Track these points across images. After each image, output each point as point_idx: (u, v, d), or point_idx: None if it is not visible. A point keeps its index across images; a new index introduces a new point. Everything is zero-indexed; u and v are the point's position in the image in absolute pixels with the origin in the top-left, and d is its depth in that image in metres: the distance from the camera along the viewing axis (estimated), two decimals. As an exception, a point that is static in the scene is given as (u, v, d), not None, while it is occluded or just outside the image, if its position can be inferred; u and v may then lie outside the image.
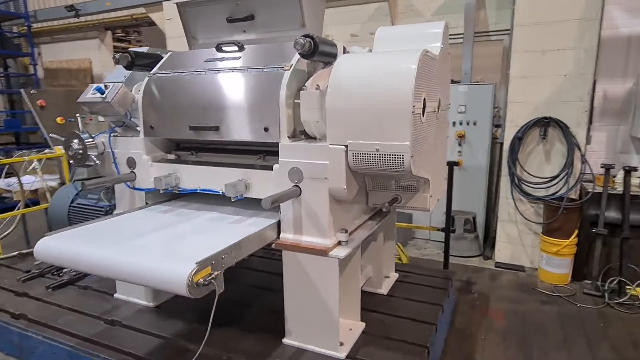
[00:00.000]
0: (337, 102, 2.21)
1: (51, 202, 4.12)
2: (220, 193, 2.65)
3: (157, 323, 2.86)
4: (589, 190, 4.10)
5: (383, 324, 2.81)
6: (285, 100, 2.36)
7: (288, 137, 2.40)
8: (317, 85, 2.36)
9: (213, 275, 1.88)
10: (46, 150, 4.78)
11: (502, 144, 4.82)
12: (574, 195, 4.26)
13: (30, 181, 4.71)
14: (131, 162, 2.93)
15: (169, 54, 3.07)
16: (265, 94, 2.44)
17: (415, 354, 2.48)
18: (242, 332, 2.77)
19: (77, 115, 2.92)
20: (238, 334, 2.73)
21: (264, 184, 2.51)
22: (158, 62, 3.02)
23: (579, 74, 4.11)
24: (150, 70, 2.97)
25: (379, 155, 2.16)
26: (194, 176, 2.77)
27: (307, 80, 2.46)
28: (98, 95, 2.78)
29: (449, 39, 2.90)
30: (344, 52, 2.58)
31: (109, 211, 3.68)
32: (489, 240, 5.21)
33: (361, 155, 2.20)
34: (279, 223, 2.51)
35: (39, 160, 4.63)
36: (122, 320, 2.87)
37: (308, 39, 2.21)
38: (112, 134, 2.99)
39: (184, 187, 2.80)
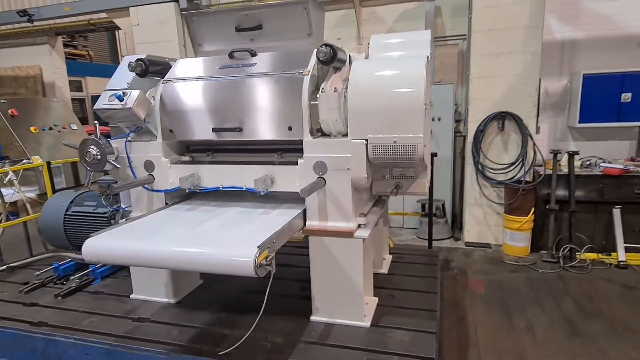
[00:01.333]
0: (357, 102, 2.55)
1: (42, 212, 4.03)
2: (244, 189, 2.89)
3: (185, 316, 3.01)
4: (541, 173, 4.78)
5: (393, 297, 3.18)
6: (307, 101, 2.66)
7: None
8: (335, 87, 2.69)
9: (270, 257, 2.13)
10: (24, 161, 4.62)
11: (464, 137, 5.42)
12: (528, 178, 4.93)
13: (8, 194, 4.52)
14: (149, 165, 3.06)
15: (178, 61, 3.22)
16: (287, 96, 2.71)
17: (428, 317, 2.87)
18: (268, 316, 2.98)
19: (96, 122, 2.99)
20: (267, 318, 2.95)
21: (285, 178, 2.79)
22: (167, 69, 3.18)
23: (527, 74, 4.78)
24: (162, 77, 3.12)
25: (396, 147, 2.53)
26: (215, 175, 2.97)
27: (318, 84, 2.76)
28: (117, 101, 2.89)
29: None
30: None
31: (112, 216, 3.71)
32: (457, 223, 5.81)
33: (380, 147, 2.56)
34: (304, 212, 2.79)
35: (15, 171, 4.48)
36: (150, 317, 2.99)
37: (328, 48, 2.53)
38: (127, 139, 3.08)
39: (206, 186, 2.99)
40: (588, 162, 4.92)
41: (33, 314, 3.13)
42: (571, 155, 4.64)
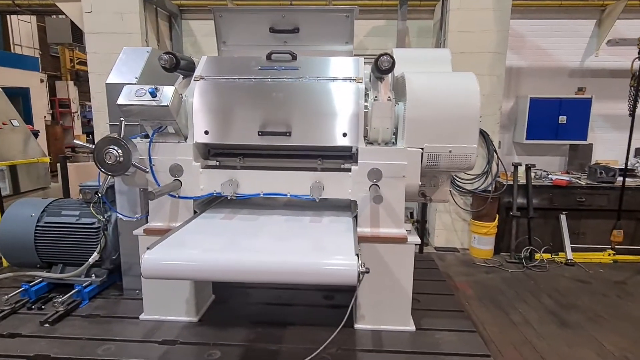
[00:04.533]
0: (415, 113, 2.64)
1: (2, 224, 3.31)
2: (288, 196, 2.78)
3: (217, 334, 2.76)
4: (503, 183, 5.35)
5: (419, 301, 3.29)
6: (362, 109, 2.67)
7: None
8: (389, 96, 2.74)
9: (363, 264, 2.10)
10: None
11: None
12: (490, 188, 5.48)
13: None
14: (176, 170, 2.77)
15: (204, 58, 2.98)
16: (342, 103, 2.69)
17: (461, 317, 3.04)
18: (306, 326, 2.90)
19: (122, 119, 2.62)
20: (308, 330, 2.86)
21: (335, 184, 2.75)
22: (192, 65, 2.93)
23: (493, 94, 5.33)
24: (189, 75, 2.87)
25: (451, 156, 2.67)
26: (254, 181, 2.80)
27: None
28: (148, 97, 2.58)
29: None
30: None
31: (105, 227, 3.22)
32: (425, 229, 6.17)
33: (435, 156, 2.68)
34: (354, 219, 2.77)
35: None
36: (178, 338, 2.69)
37: (389, 57, 2.59)
38: (152, 140, 2.75)
39: (243, 193, 2.80)
40: (534, 175, 5.64)
41: (21, 347, 2.61)
42: (528, 167, 5.28)
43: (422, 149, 2.67)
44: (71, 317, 2.98)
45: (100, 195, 3.08)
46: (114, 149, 2.57)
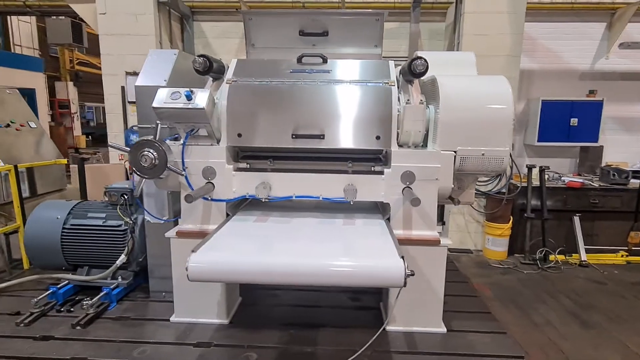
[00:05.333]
0: (449, 116, 2.66)
1: (28, 226, 3.30)
2: (320, 198, 2.79)
3: (251, 336, 2.76)
4: (517, 185, 5.39)
5: (445, 303, 3.31)
6: (396, 112, 2.69)
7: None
8: (421, 100, 2.76)
9: (407, 266, 2.11)
10: None
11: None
12: (504, 190, 5.51)
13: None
14: (209, 172, 2.77)
15: (234, 61, 2.98)
16: (376, 105, 2.71)
17: (489, 319, 3.06)
18: (337, 328, 2.91)
19: (158, 122, 2.62)
20: (340, 332, 2.86)
21: (367, 187, 2.77)
22: (222, 68, 2.93)
23: (507, 97, 5.36)
24: (219, 78, 2.88)
25: (484, 159, 2.69)
26: (286, 183, 2.81)
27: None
28: (183, 100, 2.59)
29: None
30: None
31: (132, 229, 3.22)
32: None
33: (468, 159, 2.70)
34: (386, 221, 2.79)
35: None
36: (212, 341, 2.69)
37: (425, 61, 2.60)
38: (185, 143, 2.75)
39: (275, 195, 2.81)
40: (546, 177, 5.68)
41: (56, 350, 2.60)
42: (542, 170, 5.32)
43: (455, 152, 2.69)
44: (101, 320, 2.97)
45: (135, 197, 3.07)
46: (149, 152, 2.57)
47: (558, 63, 6.23)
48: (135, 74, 5.49)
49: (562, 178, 5.56)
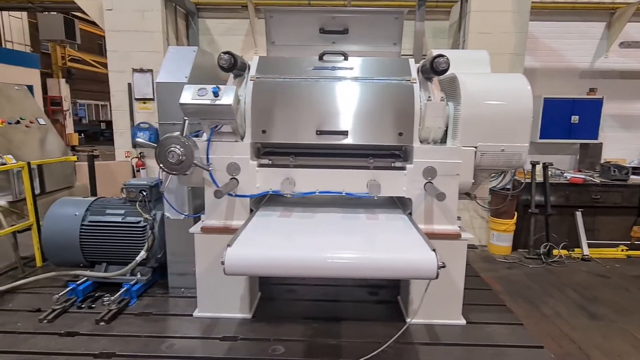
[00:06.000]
0: (470, 112, 2.72)
1: (45, 222, 3.29)
2: (343, 194, 2.84)
3: (274, 330, 2.80)
4: (521, 181, 5.49)
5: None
6: (419, 109, 2.74)
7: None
8: (442, 97, 2.82)
9: (440, 257, 2.16)
10: None
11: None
12: (509, 186, 5.61)
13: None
14: (233, 168, 2.80)
15: (256, 58, 3.01)
16: (398, 103, 2.76)
17: (505, 311, 3.14)
18: (359, 321, 2.96)
19: (185, 119, 2.63)
20: (363, 325, 2.91)
21: (389, 182, 2.82)
22: (244, 65, 2.96)
23: (511, 94, 5.45)
24: (240, 75, 2.90)
25: (503, 154, 2.76)
26: (309, 179, 2.85)
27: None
28: (210, 97, 2.61)
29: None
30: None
31: (152, 225, 3.23)
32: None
33: (488, 154, 2.77)
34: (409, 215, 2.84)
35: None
36: (238, 335, 2.73)
37: (447, 59, 2.66)
38: (210, 140, 2.77)
39: (299, 191, 2.84)
40: (549, 173, 5.80)
41: (83, 345, 2.61)
42: (546, 166, 5.43)
43: (475, 147, 2.75)
44: (124, 316, 2.98)
45: (161, 193, 3.08)
46: (177, 148, 2.59)
47: (559, 61, 6.35)
48: (142, 70, 5.49)
49: (564, 174, 5.68)
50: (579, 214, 5.45)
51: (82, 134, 21.32)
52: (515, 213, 5.46)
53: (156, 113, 5.62)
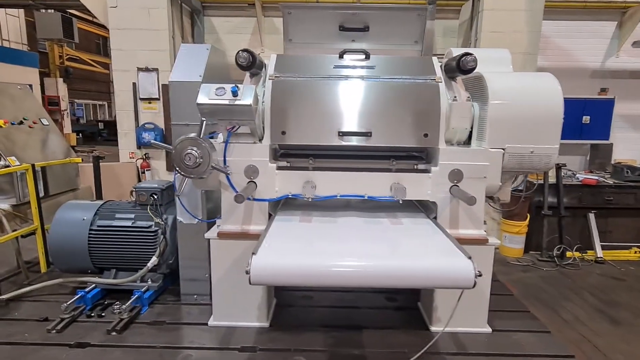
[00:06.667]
0: (498, 113, 2.62)
1: (52, 227, 3.16)
2: (365, 197, 2.73)
3: (294, 339, 2.69)
4: (534, 182, 5.39)
5: (482, 302, 3.29)
6: (445, 109, 2.64)
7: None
8: (468, 96, 2.72)
9: (476, 266, 2.06)
10: (1, 163, 3.56)
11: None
12: (522, 187, 5.52)
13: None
14: (252, 171, 2.69)
15: (274, 56, 2.89)
16: (423, 103, 2.66)
17: (529, 318, 3.04)
18: (380, 329, 2.85)
19: (203, 119, 2.52)
20: (385, 333, 2.81)
21: (413, 185, 2.71)
22: (262, 65, 2.84)
23: (523, 94, 5.37)
24: (257, 73, 2.79)
25: (532, 157, 2.66)
26: (330, 182, 2.74)
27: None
28: (229, 96, 2.49)
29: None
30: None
31: (163, 230, 3.11)
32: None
33: (516, 156, 2.67)
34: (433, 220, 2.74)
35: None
36: (257, 345, 2.61)
37: (475, 57, 2.56)
38: (228, 141, 2.66)
39: (319, 194, 2.73)
40: (563, 174, 5.71)
41: (95, 357, 2.50)
42: (559, 167, 5.34)
43: (503, 149, 2.65)
44: (136, 325, 2.86)
45: (177, 196, 2.96)
46: (194, 150, 2.47)
47: (569, 61, 6.27)
48: (148, 69, 5.36)
49: (577, 175, 5.60)
50: (592, 216, 5.37)
51: (80, 134, 21.06)
52: (528, 215, 5.37)
53: (161, 113, 5.54)
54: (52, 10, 12.72)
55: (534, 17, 5.19)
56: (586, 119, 5.97)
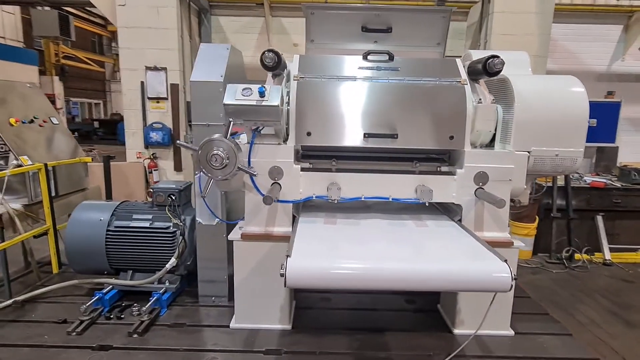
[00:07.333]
0: (524, 116, 2.62)
1: (68, 228, 3.11)
2: (390, 199, 2.72)
3: (318, 342, 2.67)
4: (543, 185, 5.43)
5: (501, 304, 3.28)
6: (471, 111, 2.63)
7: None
8: (493, 99, 2.72)
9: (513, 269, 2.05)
10: (14, 163, 3.49)
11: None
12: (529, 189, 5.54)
13: (-11, 204, 3.36)
14: (276, 172, 2.66)
15: (297, 57, 2.87)
16: (449, 105, 2.65)
17: (550, 321, 3.05)
18: (403, 332, 2.84)
19: (231, 120, 2.49)
20: (406, 336, 2.79)
21: (439, 188, 2.70)
22: (285, 65, 2.82)
23: (533, 97, 5.40)
24: (279, 74, 2.77)
25: (557, 159, 2.67)
26: (356, 184, 2.72)
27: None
28: (256, 97, 2.47)
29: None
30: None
31: (182, 231, 3.07)
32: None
33: (541, 159, 2.67)
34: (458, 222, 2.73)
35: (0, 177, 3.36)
36: (282, 348, 2.59)
37: (502, 60, 2.55)
38: (253, 142, 2.63)
39: (344, 196, 2.72)
40: (570, 176, 5.75)
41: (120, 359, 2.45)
42: (567, 169, 5.36)
43: (528, 152, 2.65)
44: (156, 327, 2.83)
45: (202, 197, 2.92)
46: (220, 151, 2.44)
47: (576, 64, 6.32)
48: (156, 68, 5.31)
49: (584, 178, 5.63)
50: (600, 218, 5.41)
51: (76, 133, 20.87)
52: (537, 217, 5.39)
53: (169, 113, 5.49)
54: (49, 8, 12.58)
55: (544, 19, 5.22)
56: (593, 121, 5.98)
